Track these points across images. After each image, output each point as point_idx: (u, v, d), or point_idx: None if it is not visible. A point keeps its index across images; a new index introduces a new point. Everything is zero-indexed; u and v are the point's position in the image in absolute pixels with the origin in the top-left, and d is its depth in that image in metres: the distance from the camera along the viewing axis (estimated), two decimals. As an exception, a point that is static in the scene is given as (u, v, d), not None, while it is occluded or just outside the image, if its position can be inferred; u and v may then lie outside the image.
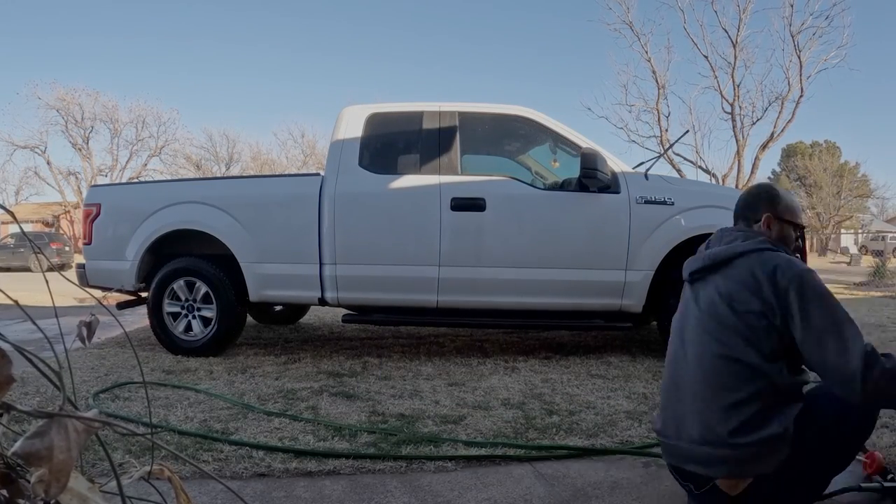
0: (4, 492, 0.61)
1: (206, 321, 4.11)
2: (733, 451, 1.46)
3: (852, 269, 18.33)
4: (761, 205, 1.71)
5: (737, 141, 19.59)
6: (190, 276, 4.09)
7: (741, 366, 1.48)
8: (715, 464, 1.50)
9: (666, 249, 3.74)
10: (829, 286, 1.51)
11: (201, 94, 56.86)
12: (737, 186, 18.26)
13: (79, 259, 5.09)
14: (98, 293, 4.56)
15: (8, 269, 18.33)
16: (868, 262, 18.65)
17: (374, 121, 4.09)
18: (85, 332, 0.78)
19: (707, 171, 20.98)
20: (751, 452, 1.46)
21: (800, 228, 1.74)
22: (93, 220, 4.26)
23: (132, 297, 4.44)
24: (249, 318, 5.04)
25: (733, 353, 1.49)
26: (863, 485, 1.88)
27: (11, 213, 0.76)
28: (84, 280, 4.26)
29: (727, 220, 3.80)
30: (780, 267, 1.49)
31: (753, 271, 1.52)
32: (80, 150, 31.97)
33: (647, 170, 3.94)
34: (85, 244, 4.33)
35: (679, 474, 1.65)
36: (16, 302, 0.72)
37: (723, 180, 20.25)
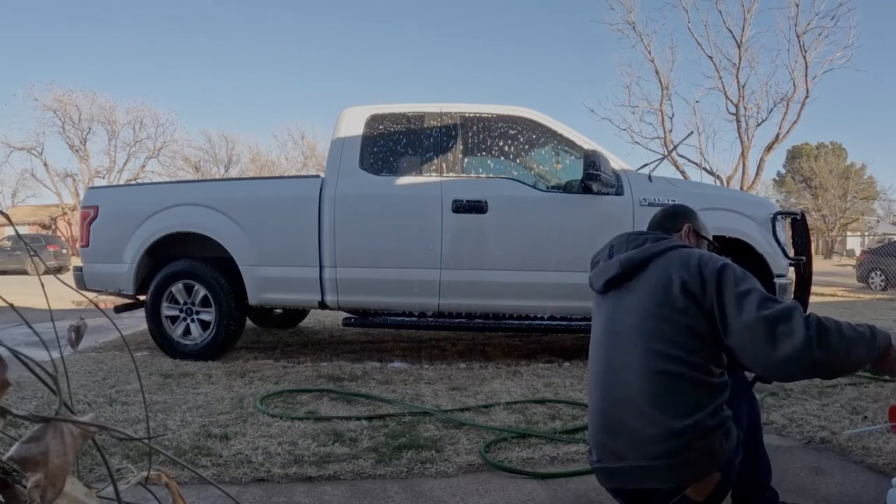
0: (0, 497, 0.59)
1: (204, 325, 4.08)
2: (695, 453, 1.38)
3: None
4: (680, 217, 1.74)
5: (741, 142, 19.53)
6: (188, 280, 4.06)
7: (681, 368, 1.40)
8: (681, 469, 1.39)
9: (669, 252, 3.71)
10: (832, 288, 1.49)
11: (200, 94, 57.01)
12: (741, 188, 18.24)
13: (76, 262, 5.06)
14: (94, 296, 4.54)
15: (4, 272, 18.29)
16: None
17: (375, 122, 4.07)
18: (73, 337, 0.77)
19: (711, 173, 20.91)
20: (716, 445, 1.39)
21: (713, 247, 1.75)
22: (90, 223, 4.23)
23: (130, 301, 4.41)
24: (249, 322, 5.01)
25: (674, 360, 1.41)
26: None
27: (6, 216, 0.75)
28: (81, 283, 4.23)
29: (731, 223, 3.82)
30: (703, 258, 1.45)
31: (671, 269, 1.46)
32: (77, 151, 31.98)
33: (651, 171, 3.93)
34: (82, 247, 4.30)
35: (630, 499, 1.51)
36: (11, 305, 0.70)
37: (727, 182, 20.21)
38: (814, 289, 5.56)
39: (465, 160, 4.15)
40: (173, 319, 4.11)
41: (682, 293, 1.42)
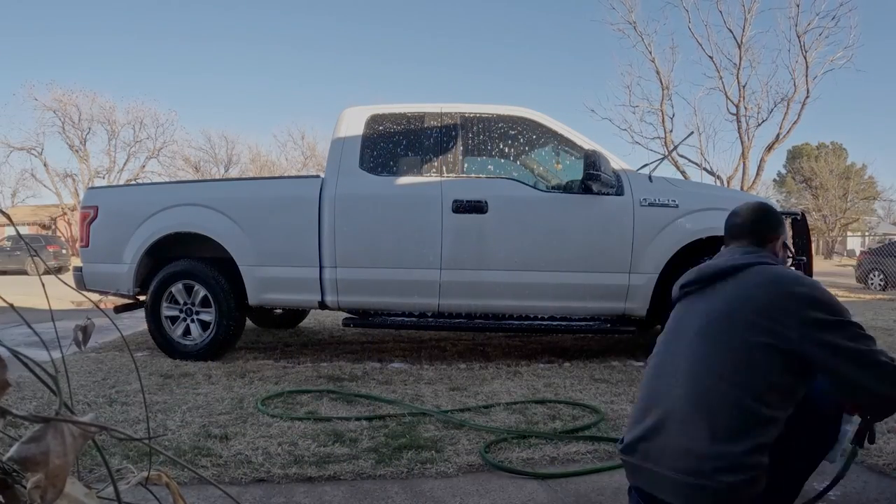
0: (1, 497, 0.59)
1: (204, 325, 4.07)
2: (720, 486, 1.30)
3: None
4: (777, 226, 1.61)
5: (742, 142, 19.54)
6: (188, 280, 4.06)
7: (736, 392, 1.34)
8: (699, 497, 1.32)
9: (670, 252, 3.71)
10: (832, 290, 1.49)
11: (200, 94, 57.02)
12: (742, 188, 18.24)
13: (76, 262, 5.06)
14: (95, 297, 4.53)
15: (4, 273, 18.29)
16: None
17: (375, 122, 4.07)
18: (80, 337, 0.77)
19: (711, 173, 20.95)
20: (739, 486, 1.30)
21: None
22: (90, 223, 4.22)
23: (130, 301, 4.41)
24: (249, 322, 5.01)
25: (730, 377, 1.35)
26: None
27: (7, 216, 0.75)
28: (81, 283, 4.22)
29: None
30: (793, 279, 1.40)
31: (756, 284, 1.42)
32: (77, 151, 32.00)
33: (651, 171, 3.92)
34: (82, 247, 4.30)
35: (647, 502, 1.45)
36: (11, 305, 0.70)
37: (728, 182, 20.24)
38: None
39: (466, 160, 4.15)
40: (173, 320, 4.11)
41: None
